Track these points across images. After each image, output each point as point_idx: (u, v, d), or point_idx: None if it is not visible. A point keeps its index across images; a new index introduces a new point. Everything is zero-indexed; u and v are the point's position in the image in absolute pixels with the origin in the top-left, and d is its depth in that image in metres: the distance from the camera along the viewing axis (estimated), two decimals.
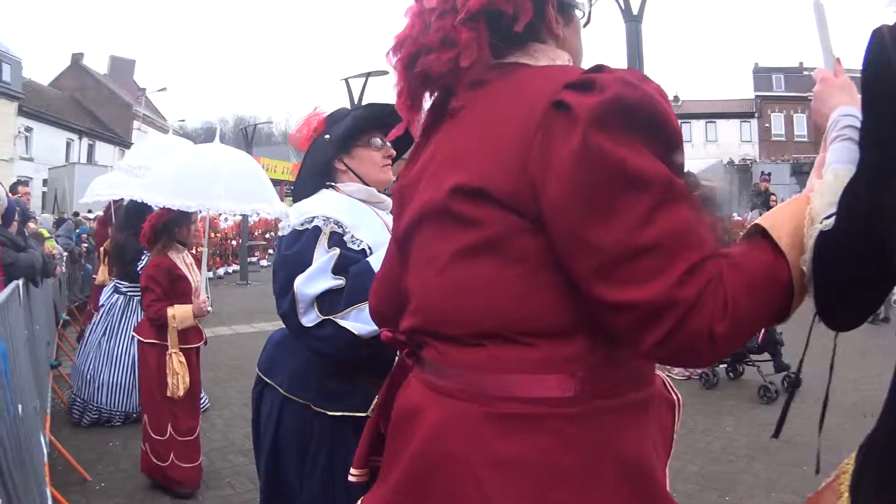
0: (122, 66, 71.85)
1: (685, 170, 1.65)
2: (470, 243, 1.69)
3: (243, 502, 6.08)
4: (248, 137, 28.90)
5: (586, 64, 1.81)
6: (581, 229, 1.51)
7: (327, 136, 3.43)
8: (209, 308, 6.56)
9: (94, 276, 12.76)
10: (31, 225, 11.46)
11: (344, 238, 3.06)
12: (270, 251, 35.03)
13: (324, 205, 3.19)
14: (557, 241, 1.58)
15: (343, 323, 2.89)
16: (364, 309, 2.79)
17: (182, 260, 6.65)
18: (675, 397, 2.06)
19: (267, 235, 34.97)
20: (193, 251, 7.46)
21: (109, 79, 67.01)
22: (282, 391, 3.21)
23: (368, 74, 18.39)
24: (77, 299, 15.50)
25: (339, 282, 2.95)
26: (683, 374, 10.09)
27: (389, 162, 3.49)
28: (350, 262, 3.01)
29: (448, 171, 1.76)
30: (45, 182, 44.69)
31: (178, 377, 6.14)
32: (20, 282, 6.14)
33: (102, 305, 8.69)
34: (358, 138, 3.40)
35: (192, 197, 6.15)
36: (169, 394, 6.11)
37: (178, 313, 6.24)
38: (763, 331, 9.17)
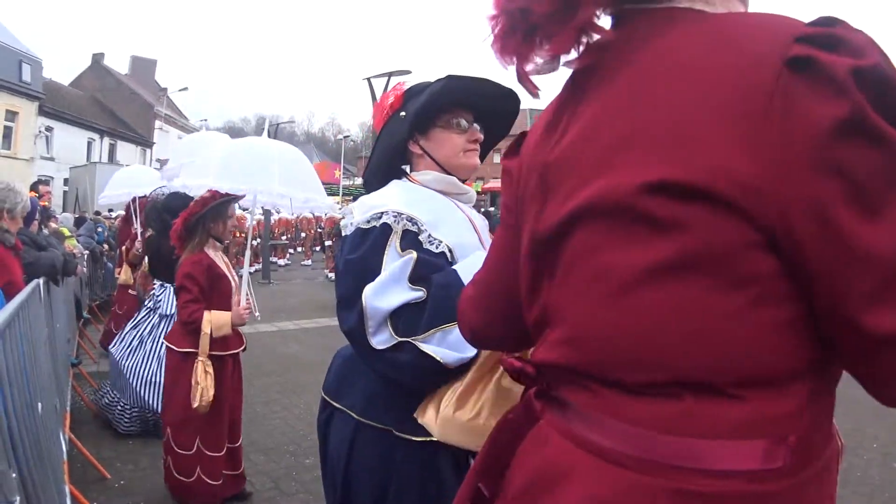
0: (143, 66, 72.43)
1: None
2: (671, 258, 1.24)
3: (263, 501, 6.08)
4: (270, 137, 28.88)
5: None
6: (850, 233, 1.12)
7: (403, 114, 2.93)
8: (257, 314, 6.04)
9: (116, 275, 12.76)
10: (52, 224, 11.52)
11: (420, 238, 2.64)
12: (291, 251, 35.20)
13: (394, 197, 2.75)
14: (809, 254, 1.16)
15: (425, 348, 2.43)
16: (451, 331, 2.41)
17: (221, 258, 6.05)
18: (840, 442, 1.47)
19: (284, 238, 35.08)
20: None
21: (130, 78, 67.52)
22: (355, 416, 2.77)
23: (391, 74, 18.44)
24: (98, 298, 15.56)
25: (419, 294, 2.50)
26: None
27: (476, 147, 2.99)
28: (430, 268, 2.57)
29: (627, 153, 1.29)
30: (66, 181, 44.99)
31: (199, 388, 5.41)
32: (41, 280, 6.14)
33: (145, 304, 8.28)
34: (437, 117, 2.92)
35: (243, 179, 5.65)
36: (195, 405, 5.40)
37: (215, 321, 5.58)
38: None
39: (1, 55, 43.15)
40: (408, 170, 2.99)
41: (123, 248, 11.31)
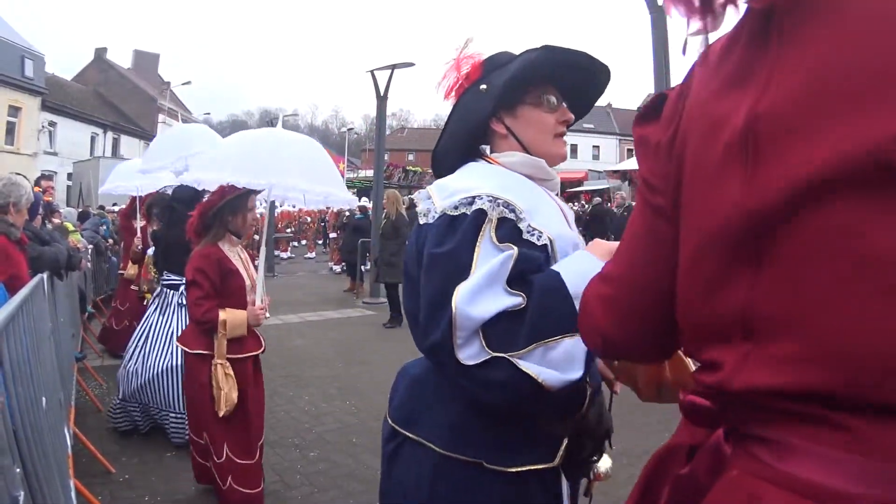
0: (146, 60, 72.44)
1: None
2: None
3: (268, 494, 6.07)
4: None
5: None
6: None
7: (483, 87, 2.57)
8: (267, 315, 5.76)
9: (120, 271, 12.53)
10: (55, 220, 11.52)
11: (519, 226, 2.24)
12: (294, 244, 35.18)
13: (484, 180, 2.36)
14: None
15: (524, 366, 2.04)
16: (555, 347, 2.06)
17: (237, 254, 5.74)
18: None
19: (289, 230, 35.08)
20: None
21: (133, 73, 67.50)
22: (436, 448, 2.34)
23: (394, 66, 18.34)
24: (103, 292, 15.57)
25: (518, 300, 2.10)
26: None
27: (564, 129, 2.64)
28: (530, 266, 2.18)
29: (880, 101, 0.95)
30: (69, 176, 45.06)
31: (221, 393, 5.20)
32: (45, 275, 6.15)
33: (154, 301, 8.07)
34: (526, 92, 2.57)
35: (261, 173, 5.41)
36: (221, 413, 5.22)
37: (231, 320, 5.31)
38: None
39: (3, 51, 43.21)
40: (487, 150, 2.65)
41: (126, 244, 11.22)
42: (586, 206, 34.50)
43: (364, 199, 26.40)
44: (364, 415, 8.25)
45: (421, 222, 2.38)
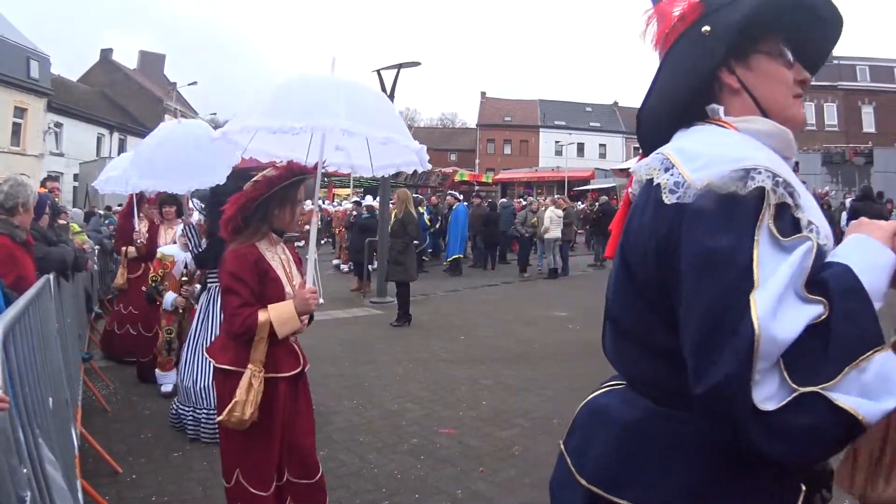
0: (152, 61, 72.59)
1: None
2: None
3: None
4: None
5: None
6: None
7: (706, 28, 2.01)
8: (320, 300, 4.75)
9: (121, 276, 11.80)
10: (61, 220, 11.52)
11: (796, 216, 1.72)
12: (298, 244, 35.05)
13: (744, 147, 1.83)
14: None
15: (841, 401, 1.50)
16: (867, 368, 1.52)
17: (276, 256, 4.78)
18: None
19: (305, 227, 34.88)
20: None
21: (139, 73, 67.63)
22: None
23: (400, 66, 18.28)
24: (109, 292, 15.59)
25: (819, 309, 1.58)
26: None
27: (801, 91, 2.07)
28: (818, 264, 1.67)
29: None
30: (75, 177, 45.18)
31: (234, 402, 4.31)
32: (51, 275, 6.16)
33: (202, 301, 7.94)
34: (763, 39, 2.02)
35: (299, 115, 4.38)
36: (220, 418, 4.41)
37: (276, 315, 4.42)
38: None
39: (8, 52, 43.33)
40: (720, 112, 2.03)
41: (124, 249, 11.04)
42: (594, 204, 34.48)
43: (368, 197, 26.45)
44: (371, 414, 8.24)
45: (667, 200, 1.79)
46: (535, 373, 10.20)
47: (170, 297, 8.89)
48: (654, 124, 2.16)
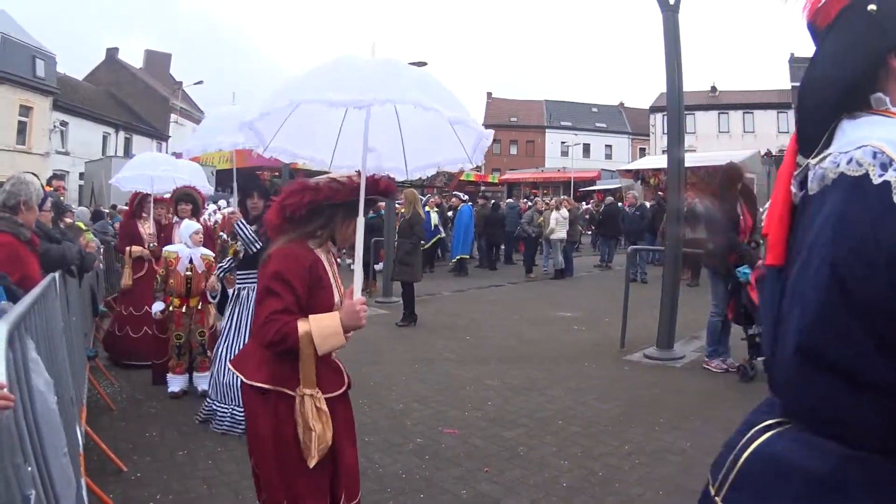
0: (158, 60, 72.72)
1: (730, 161, 1.24)
2: None
3: None
4: None
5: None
6: None
7: (872, 7, 1.84)
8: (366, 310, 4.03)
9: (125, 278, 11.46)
10: (67, 219, 11.50)
11: None
12: None
13: None
14: None
15: None
16: None
17: (331, 264, 4.23)
18: None
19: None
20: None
21: (145, 73, 67.78)
22: None
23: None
24: (115, 290, 15.59)
25: None
26: (721, 367, 10.02)
27: None
28: None
29: None
30: (81, 175, 45.32)
31: (312, 435, 3.78)
32: (57, 273, 6.15)
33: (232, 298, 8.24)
34: None
35: (367, 88, 3.80)
36: (311, 461, 3.81)
37: (318, 328, 3.75)
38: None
39: (14, 51, 43.50)
40: (887, 101, 1.88)
41: (128, 249, 10.90)
42: (599, 205, 34.42)
43: None
44: (376, 414, 8.22)
45: (860, 189, 1.66)
46: (540, 373, 10.18)
47: (157, 306, 8.96)
48: (819, 103, 1.95)
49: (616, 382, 9.68)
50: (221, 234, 10.68)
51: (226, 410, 7.55)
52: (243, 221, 7.90)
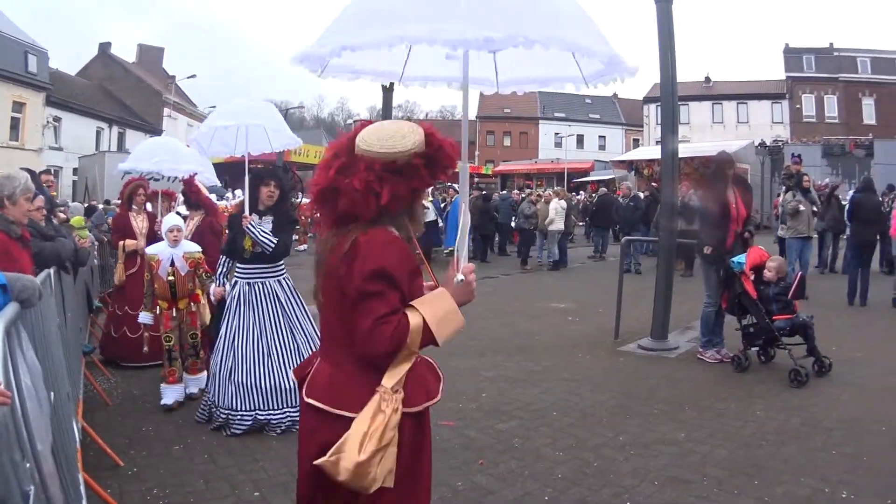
0: (151, 54, 72.51)
1: (721, 150, 1.16)
2: None
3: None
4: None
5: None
6: None
7: None
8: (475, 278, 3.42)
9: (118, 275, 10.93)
10: (61, 215, 11.46)
11: None
12: (310, 235, 34.71)
13: None
14: None
15: None
16: None
17: None
18: None
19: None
20: None
21: (138, 67, 67.61)
22: None
23: None
24: (111, 287, 15.58)
25: None
26: (715, 358, 10.04)
27: None
28: None
29: None
30: (75, 171, 45.29)
31: (391, 452, 3.08)
32: (52, 270, 6.15)
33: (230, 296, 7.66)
34: None
35: (490, 22, 3.13)
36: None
37: (432, 312, 3.16)
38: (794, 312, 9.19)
39: (6, 46, 43.45)
40: None
41: (121, 244, 10.63)
42: (593, 196, 34.45)
43: None
44: None
45: None
46: (535, 364, 10.19)
47: (143, 317, 8.47)
48: None
49: (610, 373, 9.71)
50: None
51: (281, 417, 7.28)
52: (253, 224, 7.31)
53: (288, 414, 7.24)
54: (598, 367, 10.09)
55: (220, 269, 7.88)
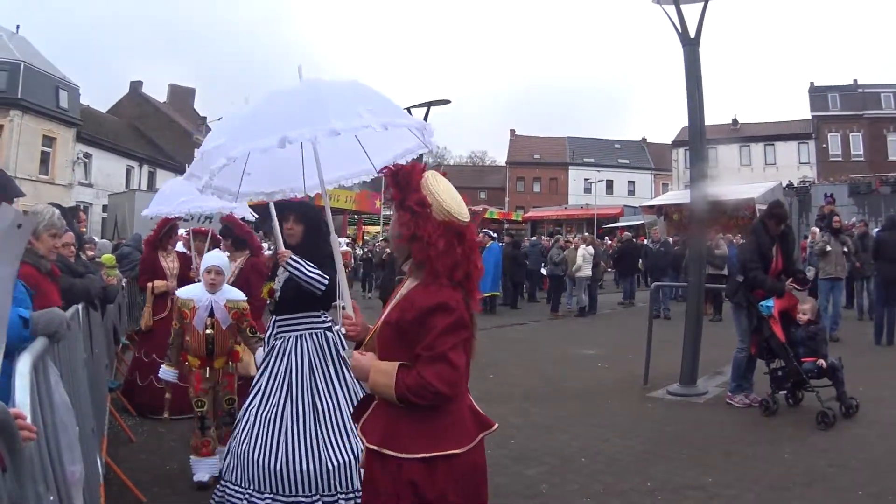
0: (182, 94, 73.26)
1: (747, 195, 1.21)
2: None
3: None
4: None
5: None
6: None
7: None
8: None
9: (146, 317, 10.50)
10: (89, 252, 11.46)
11: None
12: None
13: None
14: None
15: None
16: None
17: None
18: None
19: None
20: None
21: (169, 106, 68.30)
22: None
23: (430, 104, 18.31)
24: (138, 324, 15.57)
25: None
26: (744, 402, 9.93)
27: None
28: None
29: None
30: (104, 208, 45.66)
31: None
32: (80, 306, 6.15)
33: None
34: None
35: (288, 126, 4.03)
36: None
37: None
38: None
39: (38, 81, 44.12)
40: None
41: (150, 285, 10.13)
42: (621, 241, 34.48)
43: None
44: None
45: None
46: (564, 411, 10.10)
47: (165, 373, 7.14)
48: None
49: (639, 419, 9.62)
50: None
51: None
52: (297, 259, 5.75)
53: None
54: (627, 412, 9.99)
55: (269, 331, 6.17)
